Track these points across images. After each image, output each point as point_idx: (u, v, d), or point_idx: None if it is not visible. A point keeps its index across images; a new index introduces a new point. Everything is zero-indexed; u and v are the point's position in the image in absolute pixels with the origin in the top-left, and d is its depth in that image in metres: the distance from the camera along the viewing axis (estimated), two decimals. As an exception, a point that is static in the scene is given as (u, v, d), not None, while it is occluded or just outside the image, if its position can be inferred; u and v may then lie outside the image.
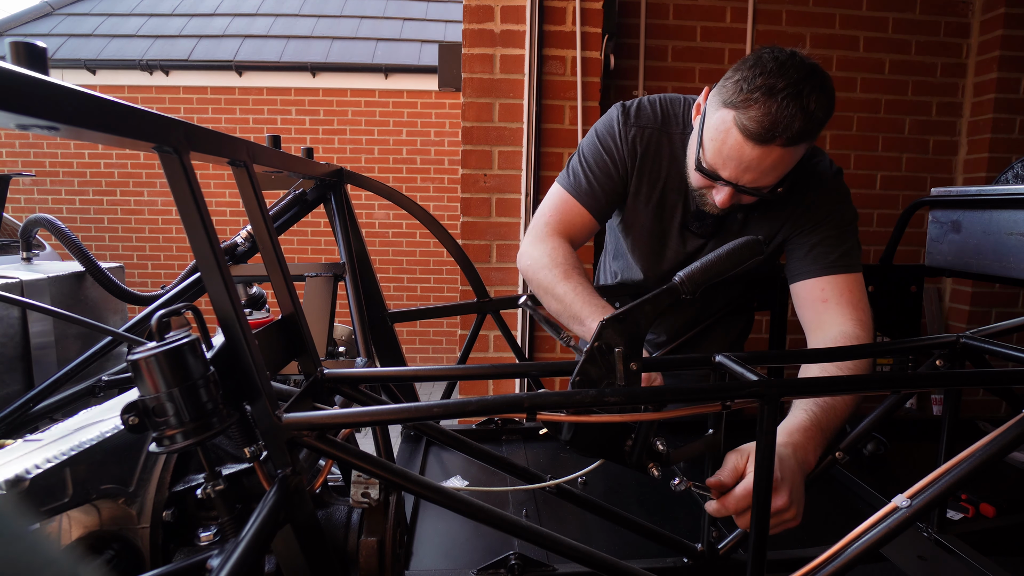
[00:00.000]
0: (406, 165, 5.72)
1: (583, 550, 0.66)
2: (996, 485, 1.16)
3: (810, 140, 0.98)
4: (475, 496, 0.68)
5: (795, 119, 0.92)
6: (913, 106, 2.91)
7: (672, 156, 1.19)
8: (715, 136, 1.01)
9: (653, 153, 1.19)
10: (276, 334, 0.70)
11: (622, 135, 1.19)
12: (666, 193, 1.21)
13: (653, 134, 1.19)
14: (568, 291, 1.06)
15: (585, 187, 1.20)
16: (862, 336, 1.03)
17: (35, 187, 5.69)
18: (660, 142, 1.19)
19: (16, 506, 0.50)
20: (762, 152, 0.96)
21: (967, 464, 0.63)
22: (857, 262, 1.13)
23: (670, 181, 1.20)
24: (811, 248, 1.13)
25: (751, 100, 0.93)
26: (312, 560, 0.61)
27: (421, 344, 5.89)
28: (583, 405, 0.63)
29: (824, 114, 0.95)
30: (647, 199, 1.22)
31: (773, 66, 0.93)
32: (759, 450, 0.64)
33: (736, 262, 0.73)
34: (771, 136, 0.93)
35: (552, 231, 1.19)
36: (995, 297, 2.90)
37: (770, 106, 0.92)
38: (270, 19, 6.22)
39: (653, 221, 1.24)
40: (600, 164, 1.20)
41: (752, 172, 0.99)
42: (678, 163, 1.18)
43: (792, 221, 1.16)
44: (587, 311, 1.01)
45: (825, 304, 1.09)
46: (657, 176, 1.20)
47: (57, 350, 1.25)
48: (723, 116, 0.99)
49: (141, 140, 0.47)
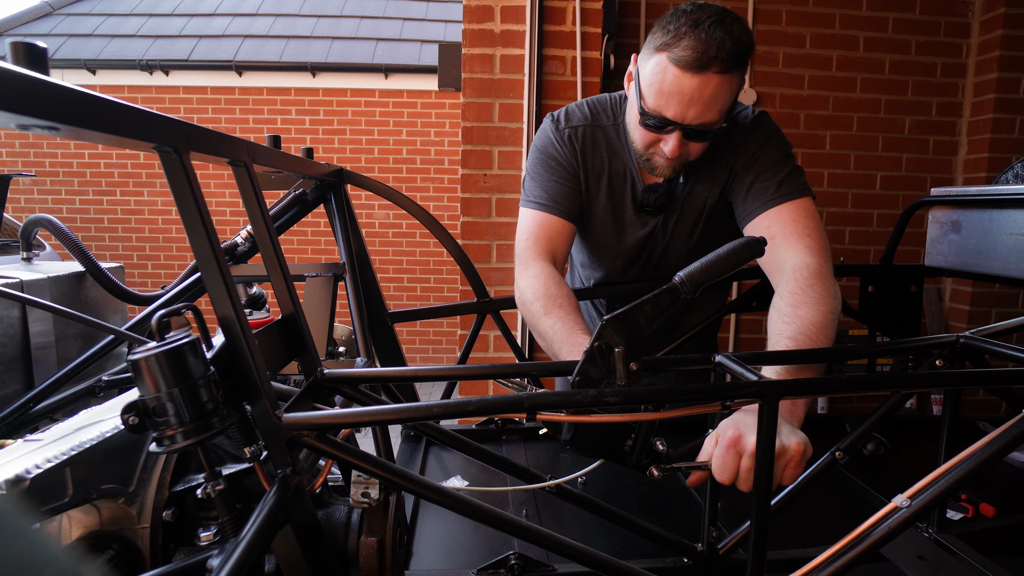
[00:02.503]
0: (406, 165, 5.72)
1: (583, 550, 0.66)
2: (996, 485, 1.16)
3: (742, 68, 1.02)
4: (475, 496, 0.68)
5: (725, 42, 0.97)
6: (913, 106, 2.91)
7: (609, 146, 1.23)
8: (653, 80, 1.03)
9: (591, 147, 1.23)
10: (276, 334, 0.70)
11: (558, 139, 1.24)
12: (612, 182, 1.24)
13: (587, 130, 1.24)
14: (548, 329, 1.05)
15: (545, 196, 1.22)
16: (815, 263, 1.00)
17: (35, 187, 5.69)
18: (595, 136, 1.24)
19: (16, 506, 0.50)
20: (701, 80, 0.99)
21: (967, 464, 0.63)
22: (798, 188, 1.11)
23: (613, 170, 1.24)
24: (749, 188, 1.14)
25: (680, 35, 0.98)
26: (312, 560, 0.61)
27: (421, 344, 5.89)
28: (583, 405, 0.63)
29: (748, 41, 1.00)
30: (596, 192, 1.25)
31: (691, 7, 1.01)
32: (759, 450, 0.64)
33: (736, 262, 0.73)
34: (707, 61, 0.97)
35: (533, 254, 1.19)
36: (995, 297, 2.90)
37: (699, 34, 0.97)
38: (270, 19, 6.22)
39: (605, 212, 1.27)
40: (549, 171, 1.24)
41: (696, 105, 1.01)
42: (615, 151, 1.23)
43: (728, 167, 1.19)
44: (565, 351, 1.00)
45: (773, 241, 1.05)
46: (600, 168, 1.24)
47: (57, 350, 1.25)
48: (657, 60, 1.02)
49: (141, 140, 0.47)
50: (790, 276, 0.99)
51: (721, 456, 0.74)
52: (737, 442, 0.74)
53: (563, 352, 1.00)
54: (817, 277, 0.97)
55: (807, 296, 0.94)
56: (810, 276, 0.97)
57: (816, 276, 0.97)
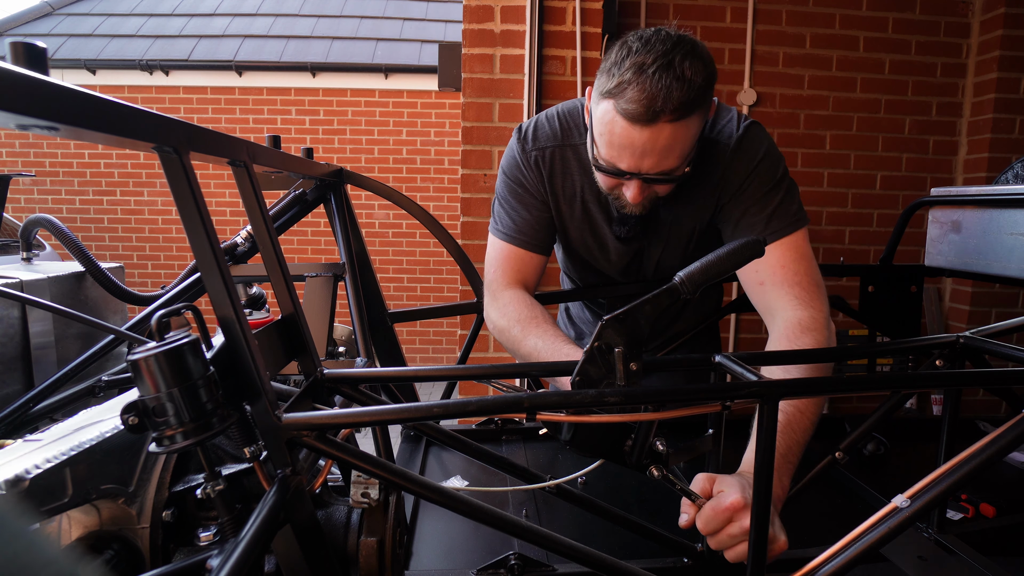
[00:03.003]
0: (406, 165, 5.72)
1: (583, 550, 0.66)
2: (996, 485, 1.16)
3: (700, 109, 0.93)
4: (475, 496, 0.68)
5: (672, 90, 0.88)
6: (913, 106, 2.92)
7: (581, 167, 1.15)
8: (602, 130, 0.96)
9: (560, 170, 1.16)
10: (276, 334, 0.70)
11: (524, 163, 1.17)
12: (586, 204, 1.17)
13: (556, 151, 1.15)
14: (531, 349, 1.03)
15: (512, 227, 1.17)
16: (805, 317, 0.97)
17: (35, 187, 5.69)
18: (565, 156, 1.15)
19: (16, 506, 0.50)
20: (652, 132, 0.91)
21: (967, 464, 0.63)
22: (790, 221, 1.05)
23: (586, 192, 1.16)
24: (735, 225, 1.08)
25: (624, 83, 0.90)
26: (312, 560, 0.61)
27: (421, 344, 5.89)
28: (583, 405, 0.63)
29: (703, 79, 0.90)
30: (570, 214, 1.19)
31: (638, 45, 0.91)
32: (759, 450, 0.64)
33: (736, 262, 0.72)
34: (654, 114, 0.89)
35: (502, 283, 1.16)
36: (995, 297, 2.90)
37: (643, 83, 0.88)
38: (270, 19, 6.22)
39: (586, 234, 1.21)
40: (517, 198, 1.18)
41: (650, 156, 0.94)
42: (588, 171, 1.13)
43: (712, 194, 1.10)
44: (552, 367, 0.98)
45: (763, 287, 1.03)
46: (572, 189, 1.17)
47: (57, 350, 1.25)
48: (605, 108, 0.94)
49: (141, 140, 0.47)
50: (781, 331, 0.98)
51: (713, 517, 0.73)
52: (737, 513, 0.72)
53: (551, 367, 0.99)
54: (807, 332, 0.96)
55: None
56: (800, 332, 0.96)
57: (806, 331, 0.96)
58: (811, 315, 0.98)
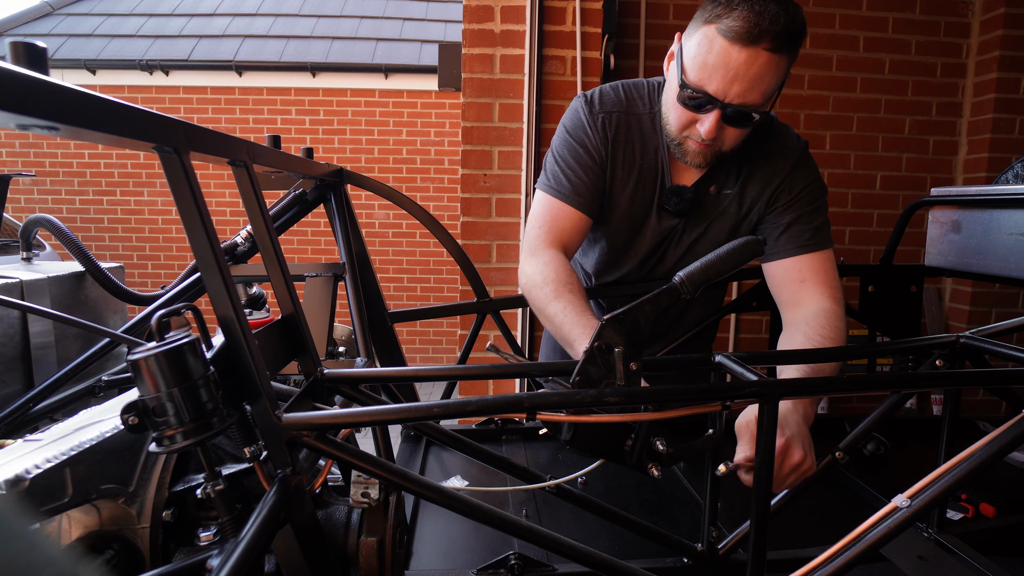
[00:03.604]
0: (406, 165, 5.72)
1: (583, 550, 0.66)
2: (996, 485, 1.16)
3: (793, 50, 0.98)
4: (475, 496, 0.68)
5: (780, 16, 0.93)
6: (913, 106, 2.91)
7: (642, 136, 1.19)
8: (698, 52, 0.99)
9: (624, 135, 1.19)
10: (276, 334, 0.70)
11: (590, 123, 1.18)
12: (642, 173, 1.20)
13: (621, 117, 1.18)
14: (558, 312, 1.04)
15: (568, 186, 1.18)
16: (837, 310, 1.09)
17: (35, 187, 5.69)
18: (629, 124, 1.19)
19: (16, 506, 0.50)
20: (750, 55, 0.95)
21: (967, 464, 0.63)
22: (828, 237, 1.16)
23: (644, 161, 1.19)
24: (787, 227, 1.15)
25: (732, 6, 0.95)
26: (312, 560, 0.61)
27: (421, 344, 5.89)
28: (583, 405, 0.63)
29: (802, 22, 0.97)
30: (624, 183, 1.21)
31: None
32: (759, 450, 0.64)
33: (736, 262, 0.73)
34: (758, 34, 0.93)
35: (545, 242, 1.17)
36: (995, 297, 2.90)
37: (753, 6, 0.93)
38: (270, 19, 6.22)
39: (630, 203, 1.23)
40: (577, 158, 1.19)
41: (740, 82, 0.97)
42: (648, 142, 1.18)
43: (768, 195, 1.17)
44: (575, 333, 0.99)
45: (803, 284, 1.13)
46: (632, 158, 1.19)
47: (57, 350, 1.25)
48: (704, 32, 0.98)
49: (141, 140, 0.47)
50: (819, 315, 1.08)
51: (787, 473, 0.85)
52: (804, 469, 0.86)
53: (573, 333, 1.00)
54: (840, 319, 1.09)
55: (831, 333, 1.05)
56: (836, 319, 1.08)
57: (840, 319, 1.09)
58: (841, 310, 1.11)
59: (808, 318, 1.09)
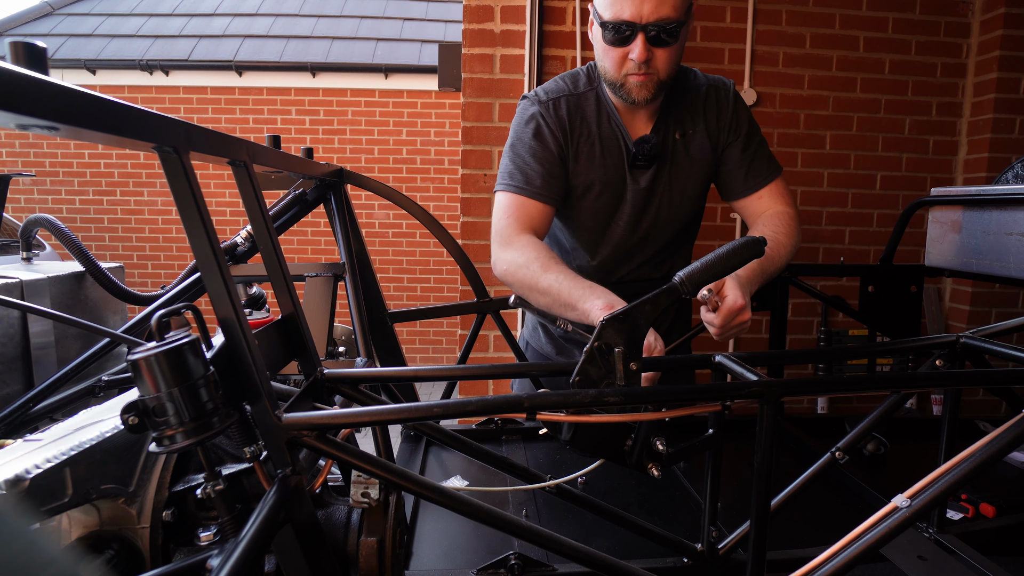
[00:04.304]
0: (406, 165, 5.72)
1: (583, 550, 0.66)
2: (996, 485, 1.16)
3: None
4: (475, 496, 0.68)
5: None
6: (913, 106, 2.91)
7: (594, 109, 1.26)
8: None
9: (577, 113, 1.25)
10: (276, 334, 0.70)
11: (542, 112, 1.24)
12: (604, 142, 1.26)
13: (570, 98, 1.26)
14: (552, 281, 1.06)
15: (523, 179, 1.22)
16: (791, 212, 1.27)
17: (35, 187, 5.69)
18: (579, 102, 1.26)
19: (16, 506, 0.50)
20: None
21: (967, 464, 0.63)
22: (777, 163, 1.33)
23: (602, 131, 1.26)
24: (749, 164, 1.29)
25: None
26: (312, 560, 0.61)
27: (421, 344, 5.89)
28: (583, 405, 0.63)
29: None
30: (589, 156, 1.26)
31: None
32: (759, 450, 0.64)
33: (736, 262, 0.73)
34: None
35: (516, 230, 1.19)
36: (995, 297, 2.90)
37: None
38: (270, 19, 6.22)
39: (604, 172, 1.27)
40: (531, 151, 1.23)
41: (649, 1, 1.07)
42: (601, 113, 1.26)
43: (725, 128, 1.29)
44: (577, 294, 1.01)
45: (761, 199, 1.31)
46: (589, 130, 1.26)
47: (57, 350, 1.25)
48: None
49: (141, 140, 0.47)
50: (775, 216, 1.26)
51: (728, 315, 0.95)
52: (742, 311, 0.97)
53: (574, 296, 1.01)
54: (793, 220, 1.26)
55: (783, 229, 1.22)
56: (789, 219, 1.25)
57: (792, 219, 1.26)
58: (793, 212, 1.28)
59: (766, 219, 1.25)
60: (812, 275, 2.53)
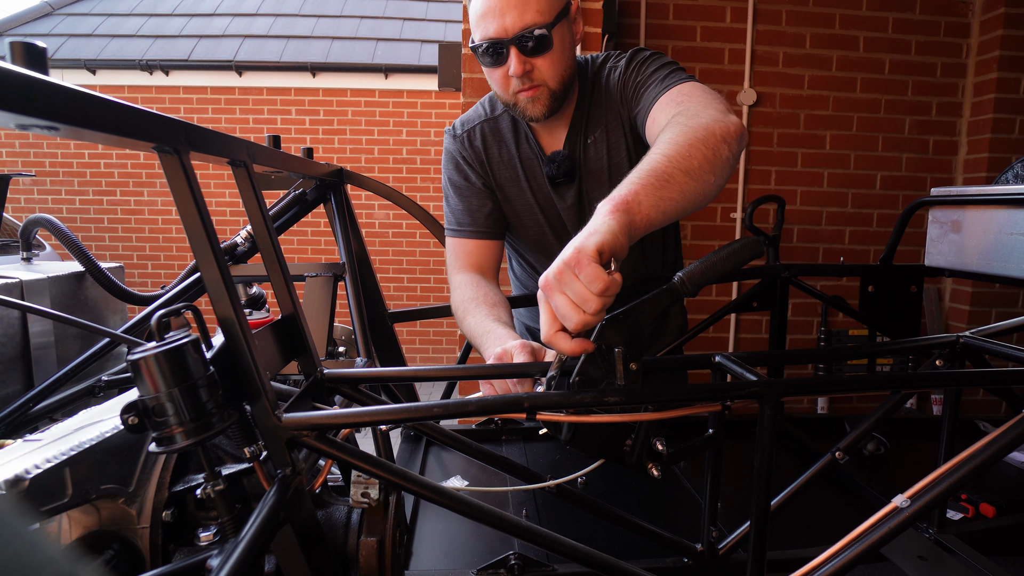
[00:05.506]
0: (406, 165, 5.72)
1: (583, 550, 0.66)
2: (996, 485, 1.16)
3: None
4: (475, 496, 0.68)
5: None
6: (913, 106, 2.92)
7: (512, 130, 1.25)
8: (471, 18, 1.08)
9: (493, 138, 1.25)
10: (276, 334, 0.70)
11: (458, 148, 1.26)
12: (524, 163, 1.25)
13: (484, 124, 1.26)
14: (470, 326, 1.11)
15: (455, 221, 1.25)
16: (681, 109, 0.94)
17: (35, 187, 5.69)
18: (495, 127, 1.25)
19: (16, 506, 0.50)
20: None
21: (967, 464, 0.63)
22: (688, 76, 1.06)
23: (520, 152, 1.25)
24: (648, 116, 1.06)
25: None
26: (312, 560, 0.61)
27: (421, 344, 5.89)
28: (583, 405, 0.63)
29: None
30: (513, 182, 1.26)
31: None
32: (759, 450, 0.64)
33: (737, 262, 0.72)
34: None
35: (455, 270, 1.24)
36: (995, 297, 2.90)
37: None
38: (270, 19, 6.22)
39: (532, 195, 1.27)
40: (458, 191, 1.26)
41: (508, 11, 1.03)
42: (518, 135, 1.24)
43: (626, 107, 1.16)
44: (481, 340, 1.05)
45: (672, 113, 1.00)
46: (508, 153, 1.25)
47: (57, 350, 1.25)
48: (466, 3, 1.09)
49: (141, 140, 0.47)
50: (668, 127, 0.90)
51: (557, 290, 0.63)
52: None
53: (482, 344, 1.04)
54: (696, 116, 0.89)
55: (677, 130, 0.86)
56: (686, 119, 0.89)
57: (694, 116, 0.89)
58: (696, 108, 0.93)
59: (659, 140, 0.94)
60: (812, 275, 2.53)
